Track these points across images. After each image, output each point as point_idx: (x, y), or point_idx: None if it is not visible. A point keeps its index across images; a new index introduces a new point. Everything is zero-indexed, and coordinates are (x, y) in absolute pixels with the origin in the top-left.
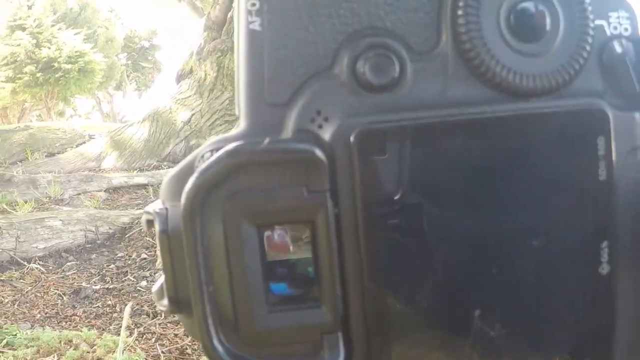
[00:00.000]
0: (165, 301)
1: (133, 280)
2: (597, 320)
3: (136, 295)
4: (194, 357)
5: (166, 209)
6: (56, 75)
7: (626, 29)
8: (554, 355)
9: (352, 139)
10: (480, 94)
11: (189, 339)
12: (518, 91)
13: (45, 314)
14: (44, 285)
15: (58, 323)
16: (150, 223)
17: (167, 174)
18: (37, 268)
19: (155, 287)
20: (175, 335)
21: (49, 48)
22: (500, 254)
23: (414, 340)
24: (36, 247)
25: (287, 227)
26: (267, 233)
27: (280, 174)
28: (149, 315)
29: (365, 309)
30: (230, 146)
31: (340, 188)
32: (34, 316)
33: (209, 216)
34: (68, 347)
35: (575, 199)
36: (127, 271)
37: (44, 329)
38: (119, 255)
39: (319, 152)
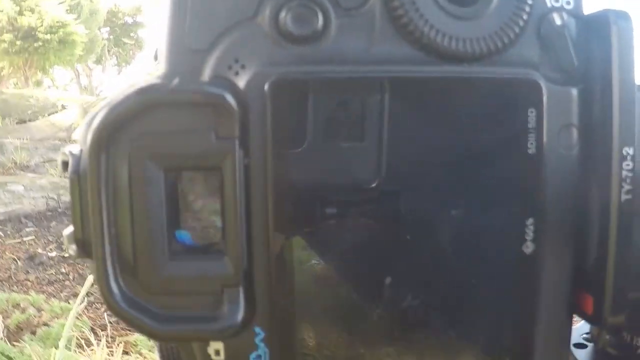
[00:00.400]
0: (74, 245)
1: None
2: (519, 302)
3: (90, 276)
4: None
5: (81, 150)
6: (35, 44)
7: (568, 3)
8: (471, 335)
9: (266, 87)
10: (407, 54)
11: None
12: (447, 54)
13: None
14: None
15: (10, 287)
16: (65, 165)
17: (85, 117)
18: None
19: (66, 231)
20: None
21: (31, 16)
22: (417, 220)
23: (319, 301)
24: None
25: (196, 174)
26: (174, 178)
27: (189, 117)
28: None
29: (269, 265)
30: (141, 85)
31: (251, 138)
32: None
33: (115, 156)
34: (15, 309)
35: (501, 171)
36: None
37: None
38: None
39: (229, 97)
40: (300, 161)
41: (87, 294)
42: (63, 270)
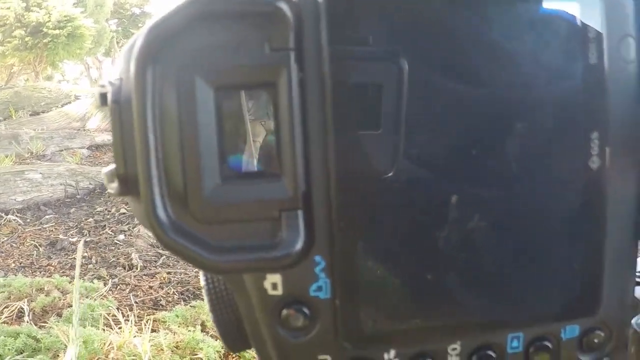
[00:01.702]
0: (115, 183)
1: (110, 234)
2: (586, 222)
3: (113, 248)
4: (168, 308)
5: (120, 79)
6: (45, 40)
7: None
8: (539, 258)
9: None
10: None
11: (163, 290)
12: None
13: (20, 263)
14: (20, 237)
15: (32, 272)
16: (103, 97)
17: (124, 46)
18: (14, 220)
19: (106, 169)
20: (150, 287)
21: (39, 12)
22: (483, 135)
23: (385, 228)
24: (14, 200)
25: (247, 92)
26: (225, 98)
27: (241, 28)
28: (124, 268)
29: (328, 185)
30: None
31: (306, 51)
32: (9, 265)
33: (162, 74)
34: (40, 293)
35: (563, 83)
36: (105, 225)
37: (16, 277)
38: (98, 209)
39: (284, 5)
40: (359, 73)
41: (111, 276)
42: (85, 254)
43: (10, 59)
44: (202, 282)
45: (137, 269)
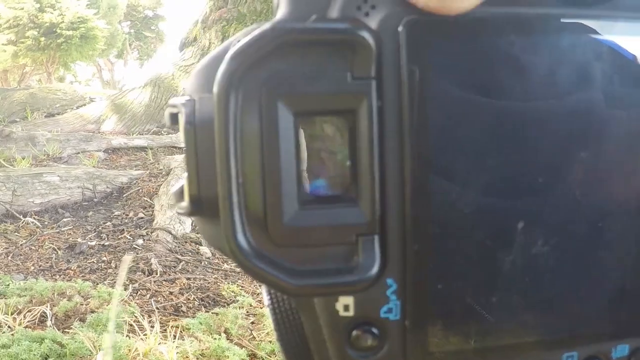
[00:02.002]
0: (186, 202)
1: (129, 239)
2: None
3: (132, 252)
4: (189, 315)
5: (194, 100)
6: (58, 41)
7: None
8: (604, 282)
9: (400, 28)
10: None
11: (184, 296)
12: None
13: (39, 266)
14: (38, 239)
15: (52, 276)
16: (174, 117)
17: (196, 67)
18: (32, 222)
19: (174, 188)
20: (170, 292)
21: (52, 13)
22: (553, 163)
23: (455, 251)
24: (32, 202)
25: (327, 119)
26: (305, 123)
27: (324, 56)
28: (144, 273)
29: (404, 210)
30: (271, 24)
31: (385, 80)
32: (28, 268)
33: (244, 101)
34: (62, 298)
35: (628, 106)
36: (123, 229)
37: (37, 280)
38: (116, 213)
39: (365, 34)
40: (439, 108)
41: (132, 281)
42: (104, 259)
43: (23, 59)
44: (266, 301)
45: (156, 274)
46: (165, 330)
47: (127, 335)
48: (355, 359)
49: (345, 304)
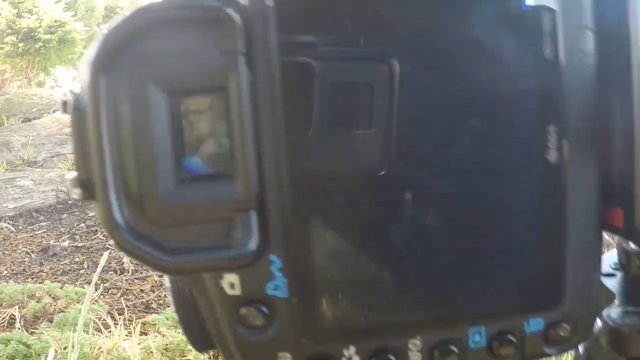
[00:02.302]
0: (78, 188)
1: (102, 239)
2: (547, 217)
3: (104, 252)
4: (160, 312)
5: (82, 88)
6: (36, 46)
7: None
8: (498, 255)
9: (269, 2)
10: None
11: (155, 294)
12: None
13: (12, 270)
14: (12, 244)
15: (24, 279)
16: (64, 105)
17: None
18: (6, 227)
19: (69, 175)
20: (141, 290)
21: (29, 17)
22: (439, 130)
23: (339, 225)
24: (6, 207)
25: (201, 96)
26: (179, 103)
27: (193, 34)
28: (116, 272)
29: (281, 186)
30: (139, 5)
31: (255, 55)
32: (0, 273)
33: (116, 82)
34: (31, 299)
35: (518, 77)
36: (96, 230)
37: (7, 284)
38: (90, 214)
39: (231, 11)
40: (309, 74)
41: (103, 281)
42: (77, 260)
43: (2, 66)
44: (167, 284)
45: (128, 272)
46: (132, 327)
47: (92, 334)
48: (247, 337)
49: (230, 282)
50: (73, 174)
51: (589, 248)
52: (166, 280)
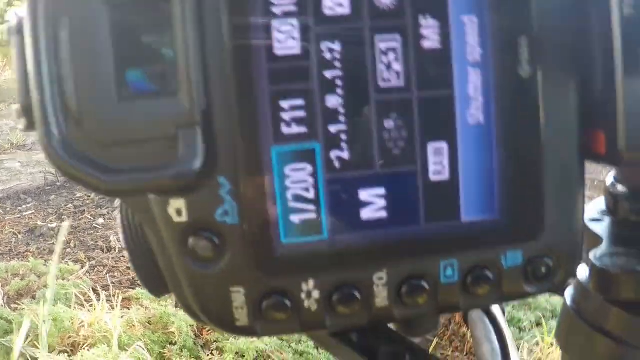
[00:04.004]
0: (23, 118)
1: (90, 219)
2: (522, 139)
3: (92, 232)
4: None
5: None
6: None
7: None
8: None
9: None
10: None
11: None
12: None
13: None
14: None
15: (11, 259)
16: (9, 31)
17: None
18: None
19: (16, 106)
20: (128, 268)
21: (20, 7)
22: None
23: (287, 139)
24: None
25: (142, 6)
26: (120, 13)
27: None
28: (102, 250)
29: (229, 101)
30: None
31: None
32: None
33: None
34: (15, 277)
35: None
36: (84, 210)
37: None
38: (78, 195)
39: None
40: None
41: (89, 259)
42: (64, 239)
43: None
44: (118, 220)
45: (115, 250)
46: (115, 301)
47: (74, 308)
48: (197, 271)
49: (177, 208)
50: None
51: (569, 175)
52: (117, 215)
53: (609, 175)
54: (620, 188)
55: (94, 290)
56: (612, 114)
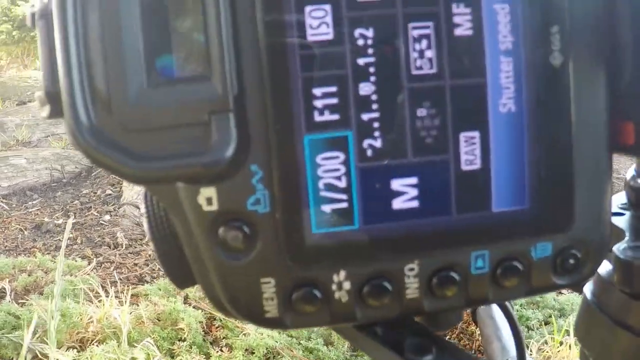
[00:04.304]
0: (47, 105)
1: (96, 215)
2: (552, 128)
3: (98, 228)
4: (153, 284)
5: None
6: (32, 33)
7: None
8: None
9: None
10: None
11: (148, 267)
12: None
13: (5, 247)
14: (5, 221)
15: (17, 255)
16: (32, 16)
17: None
18: (0, 205)
19: (39, 92)
20: (135, 264)
21: (25, 5)
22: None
23: (322, 128)
24: (0, 186)
25: None
26: None
27: None
28: (109, 247)
29: (262, 87)
30: None
31: None
32: None
33: None
34: (22, 273)
35: None
36: (90, 206)
37: None
38: (84, 192)
39: None
40: None
41: (96, 255)
42: (71, 235)
43: None
44: (142, 209)
45: (122, 247)
46: (124, 297)
47: (82, 303)
48: (227, 261)
49: (207, 197)
50: (41, 91)
51: (598, 167)
52: (141, 206)
53: (630, 169)
54: None
55: (102, 287)
56: None
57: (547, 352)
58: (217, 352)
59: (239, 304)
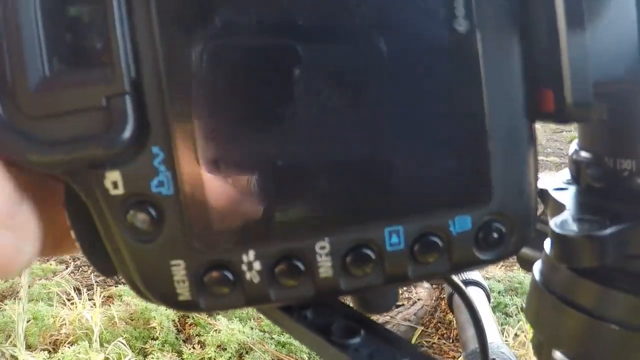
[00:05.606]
0: None
1: None
2: (463, 98)
3: None
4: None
5: None
6: None
7: None
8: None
9: None
10: None
11: None
12: None
13: None
14: None
15: None
16: None
17: None
18: None
19: None
20: None
21: None
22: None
23: (228, 111)
24: None
25: None
26: None
27: None
28: None
29: (158, 67)
30: None
31: None
32: None
33: None
34: None
35: None
36: None
37: None
38: None
39: None
40: None
41: (74, 259)
42: None
43: None
44: (65, 197)
45: None
46: (97, 299)
47: (55, 306)
48: (138, 245)
49: (113, 181)
50: None
51: (516, 137)
52: (64, 196)
53: (572, 143)
54: (583, 154)
55: (78, 290)
56: (558, 67)
57: (523, 338)
58: (190, 349)
59: (153, 288)
